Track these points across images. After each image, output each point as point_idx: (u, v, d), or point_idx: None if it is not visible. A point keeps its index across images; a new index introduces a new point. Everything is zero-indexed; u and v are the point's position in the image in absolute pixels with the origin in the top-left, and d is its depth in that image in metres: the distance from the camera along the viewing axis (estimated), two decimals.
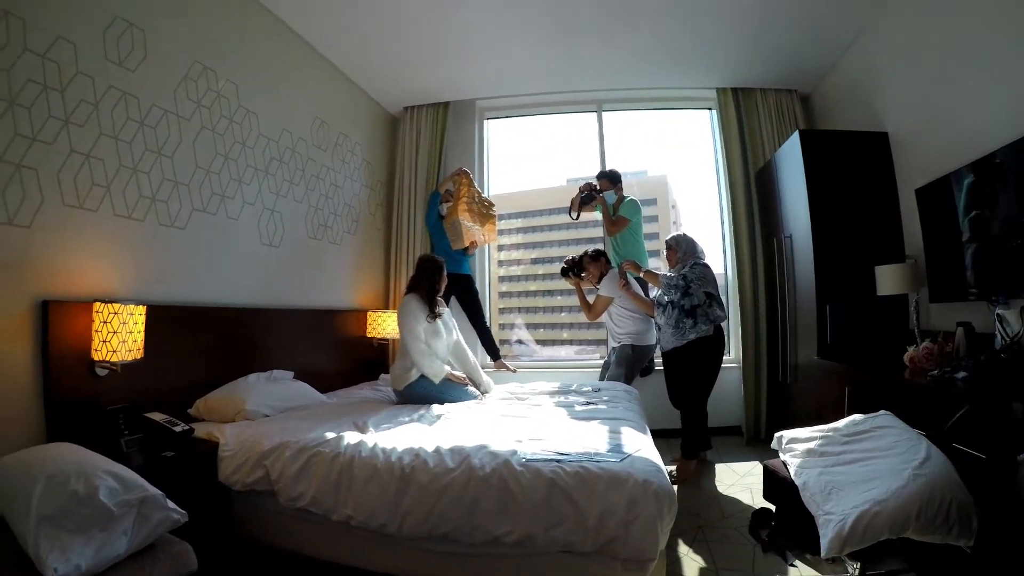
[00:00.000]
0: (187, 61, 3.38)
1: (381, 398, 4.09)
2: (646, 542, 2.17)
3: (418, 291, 3.96)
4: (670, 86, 5.96)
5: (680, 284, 4.27)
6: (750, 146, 5.73)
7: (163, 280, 3.15)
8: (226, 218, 3.64)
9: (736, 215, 5.65)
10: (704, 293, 4.24)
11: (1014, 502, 1.81)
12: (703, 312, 4.20)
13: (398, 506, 2.39)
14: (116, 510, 1.74)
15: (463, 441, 2.65)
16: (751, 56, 5.24)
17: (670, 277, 4.38)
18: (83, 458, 1.91)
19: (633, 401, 3.90)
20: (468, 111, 6.11)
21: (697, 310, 4.21)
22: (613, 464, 2.38)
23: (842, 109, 5.24)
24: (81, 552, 1.62)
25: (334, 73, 5.09)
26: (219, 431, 2.89)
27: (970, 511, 1.95)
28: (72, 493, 1.71)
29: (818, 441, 2.59)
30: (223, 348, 3.50)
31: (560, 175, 9.32)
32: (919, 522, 1.91)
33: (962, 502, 1.95)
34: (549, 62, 5.34)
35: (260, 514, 2.73)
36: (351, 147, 5.30)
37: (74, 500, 1.70)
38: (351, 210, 5.27)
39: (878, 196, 4.33)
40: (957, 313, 3.29)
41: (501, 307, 7.11)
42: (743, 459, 4.70)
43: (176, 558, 1.88)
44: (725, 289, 5.86)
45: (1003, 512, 1.87)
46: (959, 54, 3.47)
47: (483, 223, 5.36)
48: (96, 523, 1.70)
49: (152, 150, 3.09)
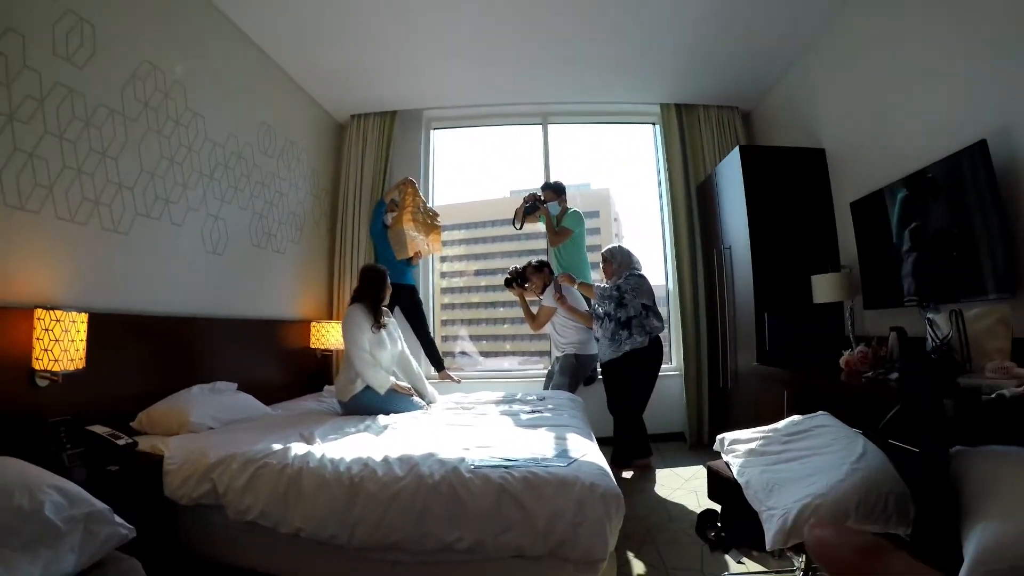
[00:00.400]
0: (136, 59, 3.31)
1: (326, 409, 4.05)
2: (595, 543, 2.21)
3: (362, 301, 3.95)
4: (615, 100, 6.08)
5: (614, 295, 4.37)
6: (692, 160, 5.88)
7: (105, 287, 3.06)
8: (170, 224, 3.55)
9: (677, 227, 5.79)
10: (640, 304, 4.35)
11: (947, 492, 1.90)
12: (639, 324, 4.31)
13: (348, 516, 2.37)
14: (63, 526, 1.67)
15: (411, 450, 2.65)
16: (694, 73, 5.39)
17: (604, 289, 4.49)
18: (26, 472, 1.84)
19: (577, 409, 3.96)
20: (415, 120, 6.12)
21: (632, 321, 4.31)
22: (560, 469, 2.42)
23: (781, 126, 5.44)
24: (28, 571, 1.54)
25: (283, 78, 5.04)
26: (163, 444, 2.82)
27: (906, 501, 2.02)
28: (16, 509, 1.63)
29: (759, 441, 2.65)
30: (166, 358, 3.42)
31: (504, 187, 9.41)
32: (859, 513, 1.97)
33: (899, 493, 2.03)
34: (496, 74, 5.41)
35: (208, 528, 2.67)
36: (297, 154, 5.24)
37: (19, 516, 1.62)
38: (295, 218, 5.20)
39: (814, 209, 4.51)
40: (890, 319, 3.43)
41: (444, 318, 7.11)
42: (687, 464, 4.80)
43: (125, 574, 1.81)
44: (666, 299, 5.98)
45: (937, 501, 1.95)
46: (894, 75, 3.66)
47: (428, 233, 5.35)
48: (42, 540, 1.62)
49: (97, 151, 3.00)
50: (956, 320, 2.69)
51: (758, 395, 4.31)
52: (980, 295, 2.84)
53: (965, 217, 2.94)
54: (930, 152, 3.17)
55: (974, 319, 2.65)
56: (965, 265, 2.93)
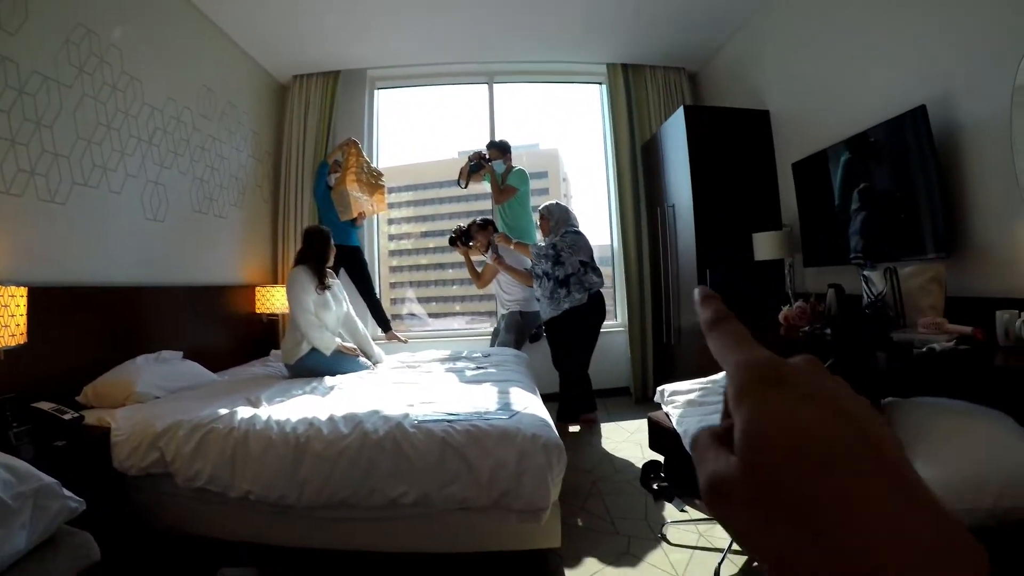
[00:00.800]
0: (70, 24, 3.22)
1: (272, 373, 4.05)
2: (538, 492, 2.29)
3: (306, 263, 3.94)
4: (562, 60, 6.07)
5: (550, 253, 4.41)
6: (638, 120, 5.94)
7: (44, 260, 3.01)
8: (108, 192, 3.48)
9: (622, 186, 5.86)
10: (578, 262, 4.39)
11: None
12: (577, 281, 4.37)
13: (295, 476, 2.42)
14: (12, 503, 1.67)
15: (356, 408, 2.70)
16: (642, 34, 5.41)
17: (540, 247, 4.53)
18: None
19: (522, 364, 4.05)
20: (358, 80, 6.03)
21: (571, 279, 4.37)
22: (502, 421, 2.49)
23: (727, 88, 5.52)
24: None
25: (222, 39, 4.93)
26: (110, 416, 2.80)
27: None
28: None
29: (698, 392, 2.77)
30: (109, 330, 3.38)
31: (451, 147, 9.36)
32: None
33: None
34: (441, 32, 5.35)
35: (159, 499, 2.69)
36: (238, 116, 5.15)
37: None
38: (237, 182, 5.13)
39: (757, 169, 4.63)
40: (829, 276, 3.55)
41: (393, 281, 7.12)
42: (632, 418, 4.93)
43: (78, 549, 1.83)
44: (611, 257, 6.07)
45: None
46: (839, 40, 3.75)
47: (372, 193, 5.32)
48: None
49: (31, 120, 2.93)
50: (891, 278, 2.81)
51: (700, 350, 4.40)
52: (920, 254, 2.95)
53: (906, 179, 3.04)
54: (872, 116, 3.27)
55: (908, 277, 2.76)
56: (906, 225, 3.03)
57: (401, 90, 6.55)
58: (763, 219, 4.43)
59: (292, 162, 5.77)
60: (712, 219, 4.50)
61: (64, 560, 1.77)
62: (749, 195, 4.61)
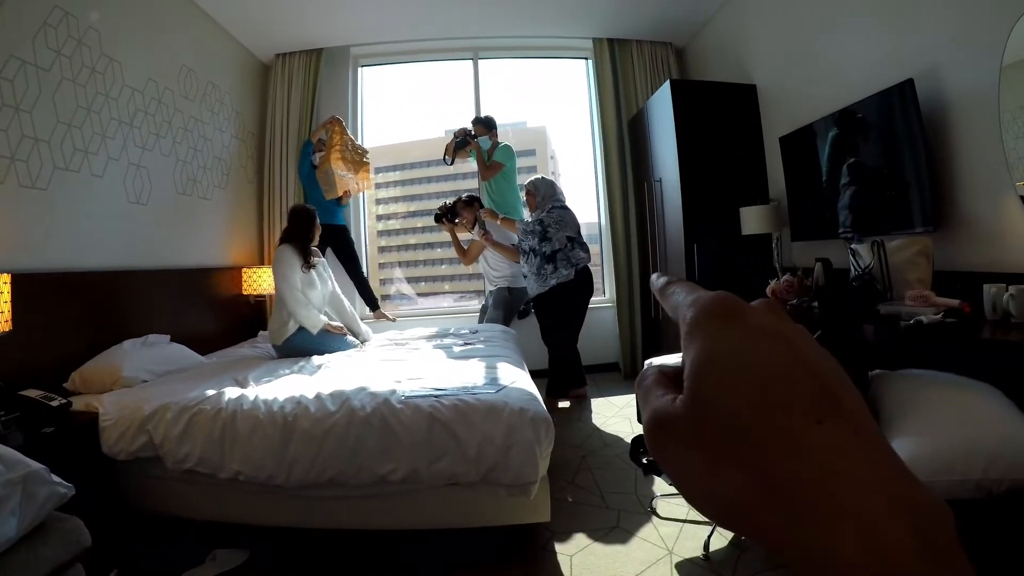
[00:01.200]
0: (47, 6, 3.17)
1: (260, 354, 4.05)
2: (526, 467, 2.31)
3: (291, 242, 3.93)
4: (547, 35, 6.04)
5: (537, 229, 4.42)
6: (624, 96, 5.91)
7: (27, 246, 2.99)
8: (90, 175, 3.45)
9: (608, 162, 5.85)
10: (564, 237, 4.40)
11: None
12: (564, 256, 4.38)
13: (284, 455, 2.43)
14: (1, 491, 1.66)
15: (343, 386, 2.71)
16: (628, 8, 5.38)
17: (527, 223, 4.53)
18: None
19: (509, 340, 4.07)
20: (342, 58, 5.98)
21: (558, 255, 4.38)
22: (489, 395, 2.51)
23: (715, 62, 5.49)
24: None
25: (202, 18, 4.86)
26: (97, 401, 2.80)
27: None
28: None
29: None
30: (95, 315, 3.36)
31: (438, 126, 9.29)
32: None
33: None
34: (425, 7, 5.30)
35: (148, 483, 2.69)
36: (220, 97, 5.10)
37: None
38: (221, 163, 5.09)
39: (744, 143, 4.62)
40: (816, 250, 3.54)
41: (381, 261, 7.09)
42: (621, 393, 4.99)
43: (68, 534, 1.83)
44: (598, 233, 6.07)
45: None
46: (826, 13, 3.73)
47: (356, 171, 5.31)
48: None
49: (9, 105, 2.89)
50: (878, 251, 2.83)
51: None
52: (907, 228, 2.95)
53: (894, 153, 3.04)
54: (859, 90, 3.25)
55: (895, 250, 2.77)
56: (893, 199, 3.03)
57: (385, 68, 6.49)
58: (750, 193, 4.42)
59: (276, 142, 5.72)
60: (699, 194, 4.50)
61: (55, 546, 1.77)
62: (736, 170, 4.60)
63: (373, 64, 6.35)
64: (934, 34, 2.88)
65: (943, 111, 2.84)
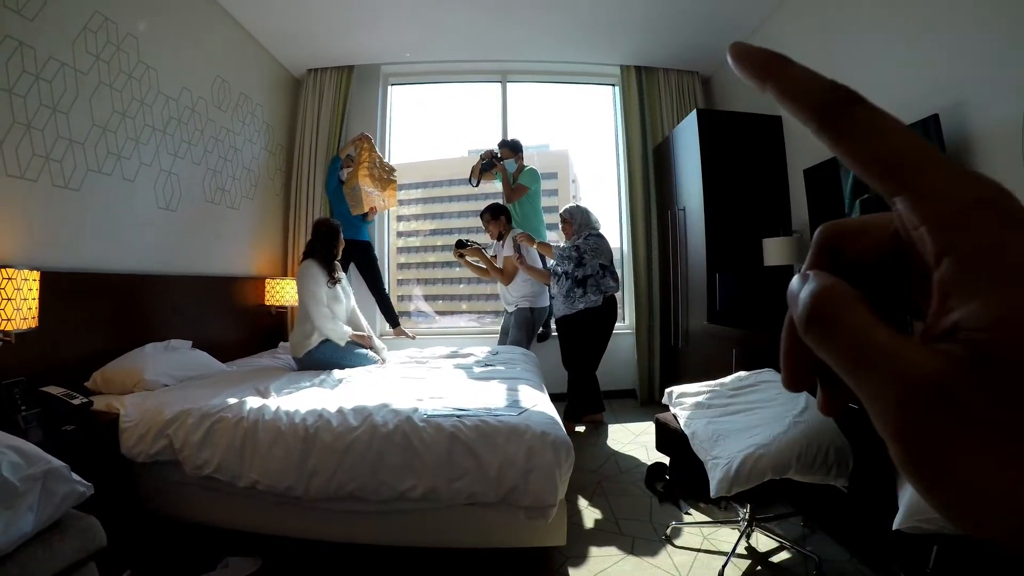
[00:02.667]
0: (87, 11, 3.22)
1: (281, 365, 4.05)
2: (546, 490, 2.30)
3: (315, 256, 3.94)
4: (575, 60, 6.06)
5: (573, 256, 4.42)
6: (650, 123, 5.93)
7: (56, 245, 3.01)
8: (122, 179, 3.49)
9: (633, 189, 5.85)
10: (598, 264, 4.40)
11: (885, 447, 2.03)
12: (594, 283, 4.37)
13: (304, 467, 2.42)
14: (20, 485, 1.65)
15: (365, 401, 2.70)
16: (656, 36, 5.40)
17: (563, 249, 4.52)
18: None
19: (530, 363, 4.04)
20: (372, 76, 6.03)
21: (589, 280, 4.37)
22: (511, 418, 2.50)
23: (740, 92, 5.48)
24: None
25: (238, 31, 4.93)
26: (119, 402, 2.81)
27: (846, 454, 2.15)
28: None
29: (706, 395, 2.77)
30: (119, 317, 3.38)
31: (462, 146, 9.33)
32: (800, 464, 2.09)
33: (839, 446, 2.15)
34: (456, 29, 5.35)
35: (165, 486, 2.69)
36: (252, 109, 5.15)
37: None
38: (250, 174, 5.13)
39: (769, 174, 4.61)
40: None
41: (400, 278, 7.10)
42: (638, 420, 4.94)
43: (84, 533, 1.82)
44: (620, 259, 6.03)
45: (875, 456, 2.08)
46: (852, 46, 3.73)
47: (383, 188, 5.34)
48: (1, 500, 1.61)
49: (47, 105, 2.93)
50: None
51: (707, 353, 4.42)
52: None
53: None
54: None
55: None
56: None
57: (414, 87, 6.54)
58: (773, 225, 4.41)
59: (305, 155, 5.76)
60: (722, 223, 4.49)
61: (71, 544, 1.76)
62: (760, 200, 4.59)
63: (403, 83, 6.40)
64: (960, 69, 2.88)
65: (967, 146, 2.83)
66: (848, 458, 2.17)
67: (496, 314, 6.49)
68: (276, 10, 4.78)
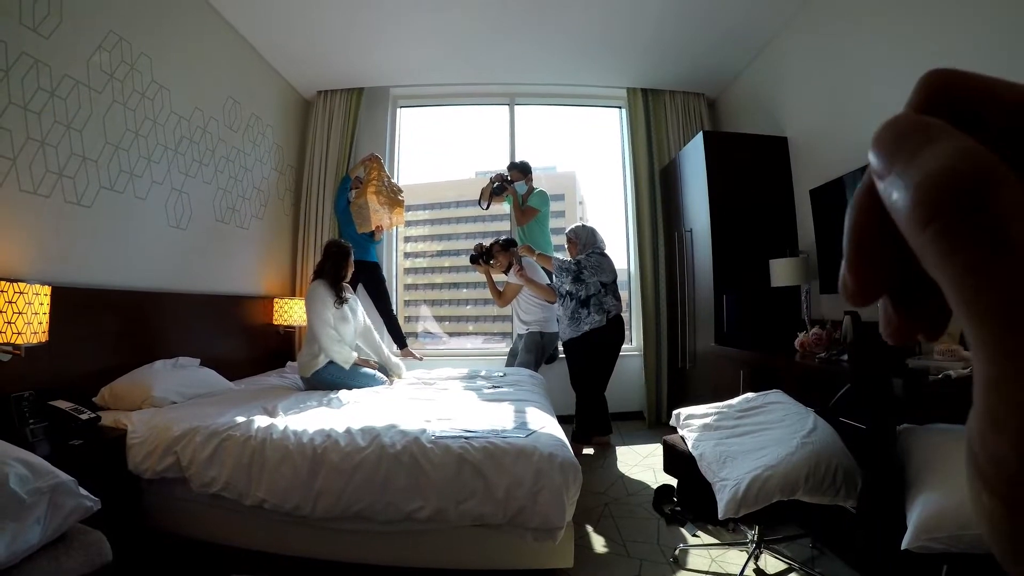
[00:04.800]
0: (102, 30, 3.26)
1: (288, 385, 4.06)
2: (554, 511, 2.29)
3: (325, 277, 3.96)
4: (582, 83, 6.11)
5: (572, 268, 4.43)
6: (656, 145, 5.96)
7: (67, 260, 3.03)
8: (133, 197, 3.52)
9: (640, 210, 5.87)
10: (598, 283, 4.41)
11: (893, 466, 2.01)
12: (596, 302, 4.38)
13: (311, 487, 2.42)
14: (27, 498, 1.66)
15: (373, 422, 2.70)
16: (662, 59, 5.45)
17: (563, 261, 4.54)
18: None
19: (538, 385, 4.04)
20: (381, 98, 6.08)
21: (591, 300, 4.38)
22: (519, 439, 2.49)
23: (746, 114, 5.53)
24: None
25: (249, 53, 4.99)
26: (126, 418, 2.82)
27: (854, 475, 2.14)
28: None
29: (714, 416, 2.75)
30: (128, 333, 3.40)
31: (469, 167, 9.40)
32: (808, 485, 2.08)
33: (847, 467, 2.14)
34: (464, 53, 5.40)
35: (171, 503, 2.69)
36: (262, 129, 5.19)
37: None
38: (260, 194, 5.16)
39: (775, 195, 4.62)
40: (845, 304, 3.51)
41: (407, 299, 7.11)
42: (645, 442, 4.91)
43: (90, 547, 1.82)
44: (627, 281, 6.05)
45: (884, 476, 2.06)
46: (857, 67, 3.75)
47: (391, 208, 5.36)
48: (7, 513, 1.61)
49: (61, 123, 2.96)
50: None
51: (715, 375, 4.41)
52: None
53: None
54: None
55: None
56: None
57: (422, 109, 6.58)
58: (780, 245, 4.39)
59: (314, 176, 5.80)
60: (729, 244, 4.49)
61: (76, 558, 1.76)
62: (766, 221, 4.59)
63: (412, 106, 6.45)
64: None
65: None
66: (857, 478, 2.16)
67: (503, 335, 6.48)
68: (287, 33, 4.84)
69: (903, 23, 3.35)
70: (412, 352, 5.39)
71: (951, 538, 1.62)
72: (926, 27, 3.18)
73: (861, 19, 3.72)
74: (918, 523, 1.70)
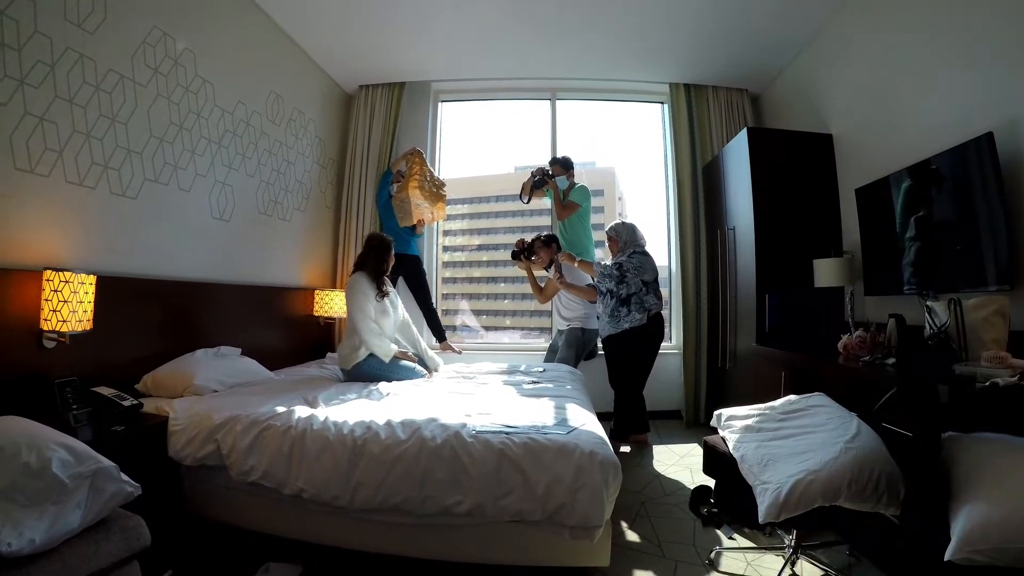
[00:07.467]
0: (147, 26, 3.30)
1: (328, 376, 4.09)
2: (593, 509, 2.26)
3: (365, 269, 3.97)
4: (624, 79, 6.05)
5: (614, 273, 4.40)
6: (699, 141, 5.88)
7: (112, 250, 3.08)
8: (178, 189, 3.57)
9: (682, 207, 5.80)
10: (641, 282, 4.38)
11: (937, 475, 1.95)
12: (637, 300, 4.36)
13: (350, 478, 2.42)
14: (69, 483, 1.70)
15: (414, 415, 2.69)
16: (705, 54, 5.37)
17: (604, 267, 4.50)
18: (33, 430, 1.84)
19: (577, 382, 4.02)
20: (423, 92, 6.09)
21: (632, 299, 4.36)
22: (560, 436, 2.47)
23: (790, 110, 5.42)
24: (35, 526, 1.56)
25: (292, 47, 5.02)
26: (168, 406, 2.86)
27: (898, 482, 2.09)
28: (24, 466, 1.65)
29: (756, 418, 2.70)
30: (170, 322, 3.45)
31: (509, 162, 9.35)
32: (850, 491, 2.03)
33: (890, 474, 2.08)
34: (506, 48, 5.38)
35: (210, 490, 2.72)
36: (304, 123, 5.23)
37: (26, 473, 1.64)
38: (302, 187, 5.21)
39: (819, 193, 4.51)
40: (890, 306, 3.43)
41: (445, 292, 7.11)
42: (683, 441, 4.86)
43: (129, 532, 1.83)
44: (668, 278, 5.99)
45: (928, 485, 2.00)
46: (904, 63, 3.65)
47: (433, 202, 5.36)
48: (49, 497, 1.65)
49: (107, 116, 3.01)
50: (955, 309, 2.70)
51: (755, 375, 4.34)
52: (980, 286, 2.83)
53: (969, 208, 2.91)
54: (937, 142, 3.14)
55: (972, 309, 2.65)
56: (967, 256, 2.91)
57: (464, 103, 6.57)
58: (824, 245, 4.30)
59: (356, 170, 5.84)
60: (773, 243, 4.41)
61: (116, 542, 1.78)
62: (811, 220, 4.49)
63: (453, 100, 6.44)
64: (1018, 85, 2.78)
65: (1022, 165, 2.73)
66: (900, 486, 2.10)
67: (541, 330, 6.46)
68: (329, 28, 4.87)
69: (953, 19, 3.25)
70: (451, 346, 5.39)
71: (996, 550, 1.57)
72: (977, 25, 3.08)
73: (909, 14, 3.62)
74: (963, 534, 1.65)
